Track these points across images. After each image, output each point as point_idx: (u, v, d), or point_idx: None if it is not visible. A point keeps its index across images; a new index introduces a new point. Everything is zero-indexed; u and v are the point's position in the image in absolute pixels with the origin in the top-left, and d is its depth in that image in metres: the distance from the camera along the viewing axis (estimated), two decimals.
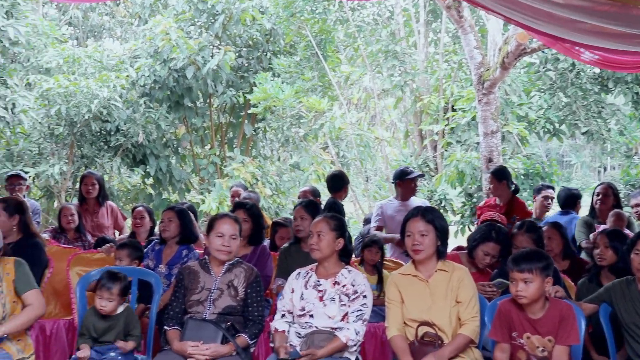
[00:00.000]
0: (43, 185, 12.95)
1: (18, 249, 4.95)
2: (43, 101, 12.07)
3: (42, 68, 12.83)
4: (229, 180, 11.82)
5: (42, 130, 12.69)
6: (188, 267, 4.54)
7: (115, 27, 18.71)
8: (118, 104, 11.96)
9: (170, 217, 5.59)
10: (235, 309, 4.33)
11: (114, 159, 12.79)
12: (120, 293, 4.44)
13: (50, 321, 5.25)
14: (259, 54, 13.27)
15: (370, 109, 14.34)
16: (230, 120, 14.21)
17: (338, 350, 4.11)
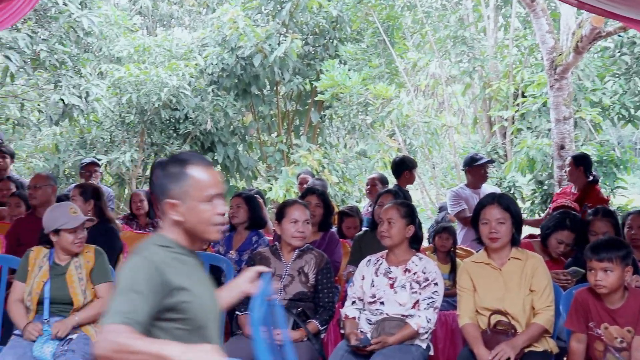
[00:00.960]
0: (114, 172, 13.25)
1: (93, 234, 5.08)
2: (115, 90, 12.32)
3: (113, 57, 13.09)
4: (295, 168, 11.86)
5: (113, 118, 12.97)
6: (259, 253, 4.58)
7: (184, 16, 18.95)
8: (187, 92, 12.12)
9: (238, 203, 5.65)
10: (305, 295, 4.35)
11: (182, 146, 12.97)
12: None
13: None
14: (325, 41, 13.25)
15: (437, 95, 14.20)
16: (297, 107, 14.25)
17: (409, 337, 4.09)
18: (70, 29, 11.38)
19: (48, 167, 13.42)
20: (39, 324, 4.07)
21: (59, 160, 13.38)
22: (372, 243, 5.17)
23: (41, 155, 14.48)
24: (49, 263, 4.25)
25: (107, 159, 12.51)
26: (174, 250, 2.51)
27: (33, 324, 4.08)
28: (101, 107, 12.02)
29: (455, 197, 6.94)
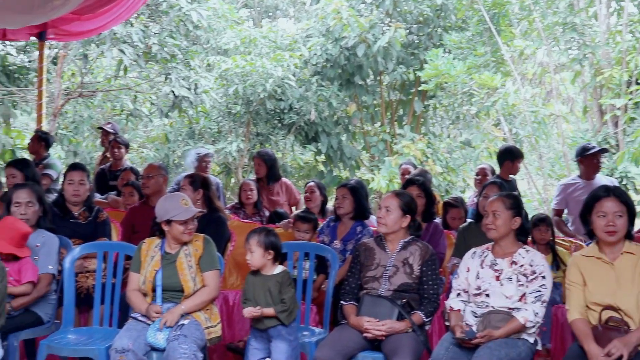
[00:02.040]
0: (221, 161, 13.57)
1: (202, 223, 5.23)
2: (222, 81, 12.61)
3: (221, 49, 13.40)
4: (398, 158, 11.81)
5: (220, 109, 13.28)
6: (364, 244, 4.60)
7: (289, 7, 19.16)
8: (291, 82, 12.26)
9: (344, 194, 5.68)
10: (410, 286, 4.35)
11: (287, 136, 13.15)
12: (267, 248, 4.22)
13: (232, 292, 5.50)
14: (429, 30, 13.11)
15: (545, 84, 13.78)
16: (401, 97, 14.16)
17: (516, 331, 4.01)
18: (180, 22, 11.72)
19: (159, 157, 13.89)
20: (159, 306, 4.24)
21: (169, 150, 13.82)
22: (477, 235, 5.09)
23: (152, 145, 14.99)
24: (161, 252, 4.40)
25: (215, 148, 12.82)
26: None
27: (153, 305, 4.25)
28: (209, 99, 12.33)
29: (559, 191, 6.80)
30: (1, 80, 13.32)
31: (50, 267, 4.68)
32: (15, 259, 4.47)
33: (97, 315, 4.75)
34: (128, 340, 4.10)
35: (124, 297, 4.57)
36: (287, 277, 4.24)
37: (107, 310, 4.71)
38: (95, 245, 4.99)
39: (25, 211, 4.77)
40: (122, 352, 4.04)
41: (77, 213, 5.48)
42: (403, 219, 4.44)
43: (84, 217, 5.48)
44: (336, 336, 4.29)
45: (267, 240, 4.21)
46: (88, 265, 5.18)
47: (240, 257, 5.63)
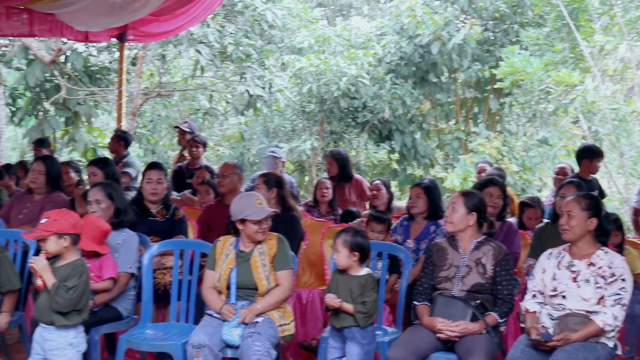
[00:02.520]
0: (295, 159, 13.67)
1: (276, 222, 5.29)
2: (296, 80, 12.71)
3: (295, 48, 13.50)
4: (473, 156, 11.67)
5: (295, 108, 13.39)
6: (436, 244, 4.57)
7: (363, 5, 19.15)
8: (365, 81, 12.26)
9: (418, 193, 5.64)
10: (484, 286, 4.30)
11: (360, 134, 13.15)
12: (352, 249, 4.19)
13: (305, 290, 5.54)
14: (505, 26, 12.89)
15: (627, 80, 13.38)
16: (476, 95, 13.98)
17: (593, 335, 3.92)
18: (255, 22, 11.87)
19: (234, 155, 14.11)
20: (233, 306, 4.31)
21: (244, 148, 14.02)
22: (553, 236, 4.97)
23: (227, 143, 15.23)
24: (235, 251, 4.47)
25: (289, 147, 12.93)
26: None
27: (227, 305, 4.32)
28: (283, 97, 12.44)
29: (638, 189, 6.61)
30: (83, 81, 13.77)
31: (130, 266, 4.80)
32: (97, 256, 4.60)
33: (173, 311, 4.86)
34: (204, 336, 4.19)
35: (199, 294, 4.66)
36: (371, 281, 4.22)
37: (183, 307, 4.81)
38: (172, 243, 5.09)
39: (96, 209, 4.91)
40: (198, 347, 4.13)
41: (155, 211, 5.60)
42: (469, 217, 4.39)
43: (161, 215, 5.60)
44: (409, 336, 4.28)
45: (354, 241, 4.20)
46: (165, 262, 5.29)
47: (313, 256, 5.68)
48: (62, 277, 4.00)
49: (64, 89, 13.27)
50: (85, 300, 4.09)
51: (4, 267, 4.71)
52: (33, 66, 13.11)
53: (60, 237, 4.03)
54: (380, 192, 6.81)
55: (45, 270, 3.99)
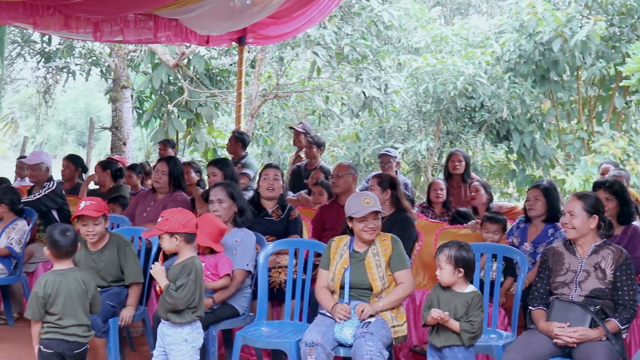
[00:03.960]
0: (411, 160, 13.61)
1: (390, 223, 5.31)
2: (412, 80, 12.65)
3: (411, 48, 13.44)
4: (595, 157, 11.24)
5: (411, 108, 13.32)
6: (552, 248, 4.45)
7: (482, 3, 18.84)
8: (483, 80, 12.05)
9: (536, 195, 5.49)
10: (603, 292, 4.14)
11: (478, 134, 12.94)
12: (457, 264, 4.05)
13: (419, 291, 5.52)
14: (633, 21, 12.31)
15: None
16: (600, 93, 13.45)
17: None
18: (372, 23, 11.90)
19: (349, 155, 14.19)
20: (346, 305, 4.35)
21: (359, 148, 14.07)
22: None
23: (343, 144, 15.34)
24: (349, 251, 4.51)
25: (404, 147, 12.88)
26: None
27: (341, 305, 4.36)
28: (399, 98, 12.41)
29: None
30: (205, 83, 14.24)
31: (247, 264, 4.94)
32: (212, 253, 4.76)
33: (288, 309, 4.96)
34: (317, 334, 4.25)
35: (313, 293, 4.73)
36: (478, 299, 4.06)
37: (297, 305, 4.90)
38: (287, 242, 5.20)
39: (218, 208, 5.07)
40: (311, 345, 4.19)
41: (271, 211, 5.74)
42: (591, 220, 4.24)
43: (277, 214, 5.73)
44: (525, 341, 4.19)
45: (459, 255, 4.03)
46: (280, 261, 5.41)
47: (427, 257, 5.64)
48: (174, 277, 4.18)
49: (186, 91, 13.78)
50: (198, 297, 4.21)
51: (129, 261, 4.97)
52: (158, 70, 13.70)
53: (172, 235, 4.21)
54: (479, 193, 6.70)
55: (159, 275, 4.20)
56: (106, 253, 4.97)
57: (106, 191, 7.51)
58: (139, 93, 16.25)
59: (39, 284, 4.11)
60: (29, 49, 15.97)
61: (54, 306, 4.05)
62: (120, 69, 14.63)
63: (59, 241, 4.15)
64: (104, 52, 15.37)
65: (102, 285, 4.85)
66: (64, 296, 4.07)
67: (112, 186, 7.61)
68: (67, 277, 4.13)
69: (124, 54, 14.62)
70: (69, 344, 4.10)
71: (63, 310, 4.06)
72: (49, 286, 4.06)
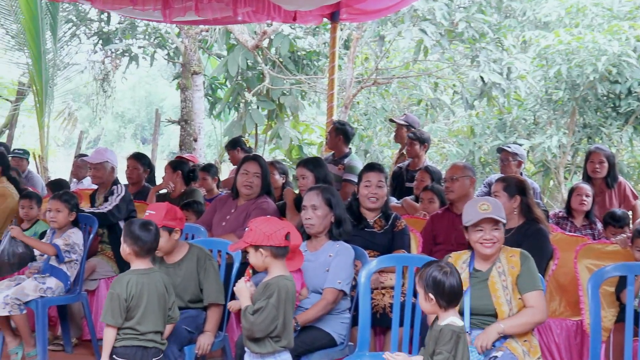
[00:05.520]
0: (538, 159, 13.40)
1: (519, 236, 5.25)
2: (540, 61, 12.45)
3: (539, 22, 13.23)
4: None
5: (538, 96, 13.12)
6: None
7: None
8: (632, 60, 11.74)
9: None
10: None
11: (624, 128, 12.63)
12: (426, 289, 3.96)
13: (555, 321, 5.45)
14: None
15: None
16: None
17: None
18: None
19: (462, 154, 14.09)
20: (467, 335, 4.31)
21: (474, 145, 13.94)
22: None
23: (454, 139, 15.24)
24: (469, 269, 4.50)
25: (530, 144, 12.70)
26: None
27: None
28: (524, 84, 12.23)
29: None
30: (289, 68, 14.36)
31: (339, 281, 4.96)
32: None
33: (395, 338, 4.95)
34: None
35: (425, 319, 4.70)
36: (448, 335, 3.85)
37: (406, 334, 4.89)
38: (394, 258, 5.20)
39: (311, 216, 5.11)
40: None
41: (372, 221, 5.76)
42: None
43: (379, 225, 5.75)
44: None
45: (429, 277, 3.90)
46: (384, 280, 5.42)
47: (564, 278, 5.58)
48: (255, 298, 4.26)
49: (267, 77, 13.93)
50: (282, 325, 4.24)
51: (209, 278, 5.11)
52: (234, 52, 13.90)
53: (257, 249, 4.30)
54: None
55: (243, 293, 4.29)
56: (184, 267, 5.11)
57: (177, 196, 7.68)
58: (212, 80, 16.55)
59: (120, 284, 4.32)
60: (85, 29, 16.47)
61: (136, 309, 4.28)
62: (190, 51, 14.91)
63: (141, 236, 4.41)
64: (172, 32, 15.72)
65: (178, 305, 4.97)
66: (147, 298, 4.30)
67: (183, 190, 7.78)
68: (151, 278, 4.38)
69: (195, 33, 14.90)
70: (147, 350, 4.33)
71: (144, 314, 4.29)
72: (132, 286, 4.28)
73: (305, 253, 5.08)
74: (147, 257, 4.49)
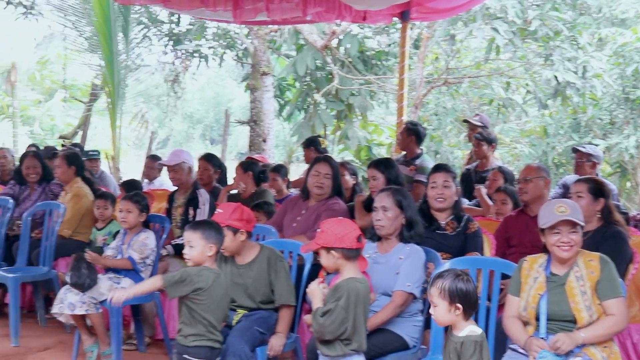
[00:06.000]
0: (614, 160, 13.18)
1: (596, 240, 5.15)
2: (617, 60, 12.25)
3: (616, 19, 13.00)
4: None
5: (615, 95, 12.91)
6: None
7: None
8: None
9: None
10: None
11: None
12: (452, 299, 3.90)
13: (635, 326, 5.34)
14: None
15: None
16: None
17: None
18: None
19: (535, 154, 13.94)
20: (542, 341, 4.26)
21: (548, 146, 13.77)
22: None
23: (527, 140, 15.07)
24: (545, 273, 4.41)
25: (606, 144, 12.51)
26: None
27: (536, 339, 4.27)
28: (601, 83, 12.03)
29: None
30: (358, 68, 14.36)
31: (409, 284, 4.92)
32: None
33: None
34: None
35: (500, 323, 4.66)
36: (471, 346, 3.83)
37: None
38: (467, 261, 5.13)
39: (381, 217, 5.10)
40: None
41: (444, 223, 5.71)
42: None
43: (451, 227, 5.70)
44: None
45: (454, 287, 3.85)
46: None
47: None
48: (326, 300, 4.28)
49: (336, 77, 13.95)
50: (352, 327, 4.24)
51: (280, 278, 5.14)
52: (303, 52, 13.97)
53: (328, 251, 4.31)
54: None
55: (315, 295, 4.32)
56: (255, 268, 5.15)
57: (248, 196, 7.73)
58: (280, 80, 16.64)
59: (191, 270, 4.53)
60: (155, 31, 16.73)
61: (207, 302, 4.46)
62: (259, 52, 15.02)
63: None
64: (241, 32, 15.85)
65: (250, 306, 5.07)
66: (215, 296, 4.49)
67: (254, 191, 7.83)
68: (219, 278, 4.56)
69: (264, 34, 15.00)
70: (214, 350, 4.53)
71: (213, 310, 4.48)
72: (205, 279, 4.46)
73: (376, 255, 5.10)
74: (213, 256, 4.62)
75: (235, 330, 4.91)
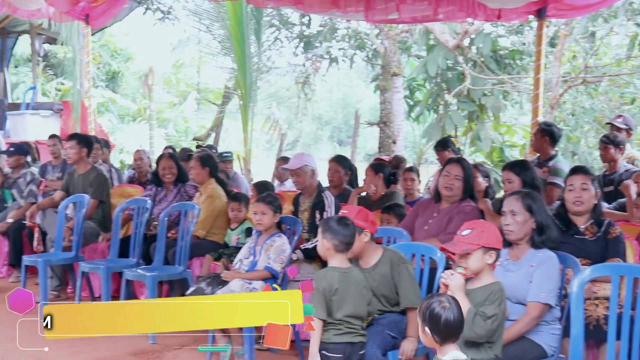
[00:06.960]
0: None
1: None
2: None
3: None
4: None
5: None
6: None
7: None
8: None
9: None
10: None
11: None
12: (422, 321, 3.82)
13: None
14: None
15: None
16: None
17: None
18: None
19: None
20: None
21: None
22: None
23: None
24: None
25: None
26: None
27: None
28: None
29: None
30: (490, 67, 14.18)
31: (543, 295, 4.79)
32: None
33: (611, 352, 4.75)
34: None
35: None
36: None
37: (624, 347, 4.67)
38: (610, 267, 4.97)
39: (510, 222, 4.98)
40: None
41: (584, 227, 5.56)
42: None
43: (591, 232, 5.54)
44: None
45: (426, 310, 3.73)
46: (597, 290, 5.22)
47: None
48: (477, 302, 4.19)
49: (468, 78, 13.81)
50: (500, 332, 4.24)
51: (403, 281, 5.12)
52: (434, 52, 13.89)
53: (486, 252, 4.26)
54: None
55: (460, 290, 4.18)
56: (378, 271, 5.14)
57: (377, 199, 7.73)
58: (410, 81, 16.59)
59: (323, 279, 4.59)
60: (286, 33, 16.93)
61: (342, 302, 4.54)
62: (390, 52, 15.01)
63: (340, 231, 4.66)
64: (372, 33, 15.88)
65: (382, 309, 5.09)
66: (351, 292, 4.58)
67: (384, 193, 7.81)
68: (352, 274, 4.65)
69: (395, 35, 14.98)
70: (355, 345, 4.61)
71: (349, 307, 4.57)
72: (334, 281, 4.54)
73: (507, 262, 4.99)
74: (345, 253, 4.67)
75: (367, 334, 4.91)
